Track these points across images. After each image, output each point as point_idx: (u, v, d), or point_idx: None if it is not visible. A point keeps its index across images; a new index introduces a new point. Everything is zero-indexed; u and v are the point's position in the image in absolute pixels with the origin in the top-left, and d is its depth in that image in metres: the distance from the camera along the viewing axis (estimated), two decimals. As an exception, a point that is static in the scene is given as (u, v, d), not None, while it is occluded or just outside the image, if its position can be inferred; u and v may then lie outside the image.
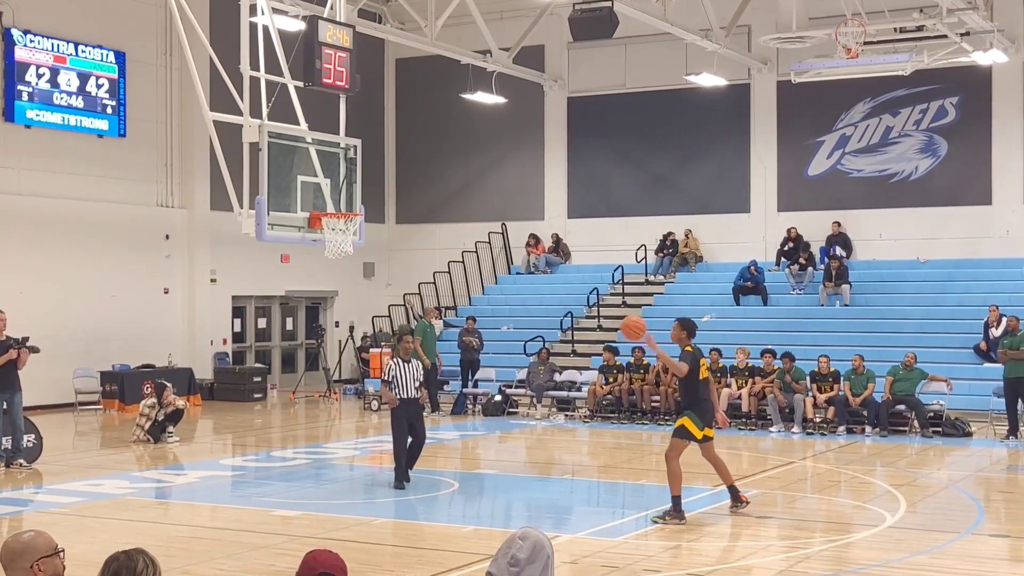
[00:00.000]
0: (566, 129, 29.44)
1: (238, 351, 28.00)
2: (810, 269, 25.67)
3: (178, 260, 26.23)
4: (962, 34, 21.80)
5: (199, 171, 26.00)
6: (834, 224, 26.25)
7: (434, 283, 28.85)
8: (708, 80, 25.26)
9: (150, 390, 20.03)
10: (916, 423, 19.16)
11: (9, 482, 14.85)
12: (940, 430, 18.88)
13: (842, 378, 19.69)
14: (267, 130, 14.04)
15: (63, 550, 4.28)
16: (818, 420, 19.60)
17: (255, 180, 14.06)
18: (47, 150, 23.59)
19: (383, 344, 24.83)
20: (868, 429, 19.16)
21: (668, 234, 27.87)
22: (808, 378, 19.89)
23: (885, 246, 26.15)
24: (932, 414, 19.16)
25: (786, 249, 26.35)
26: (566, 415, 21.99)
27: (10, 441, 15.66)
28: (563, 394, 22.39)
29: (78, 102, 24.00)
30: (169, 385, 19.14)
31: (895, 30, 21.98)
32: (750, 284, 25.68)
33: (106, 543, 9.94)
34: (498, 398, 22.64)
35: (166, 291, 26.04)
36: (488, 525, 12.59)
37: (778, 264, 26.35)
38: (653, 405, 21.01)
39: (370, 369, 24.13)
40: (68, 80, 23.81)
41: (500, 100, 27.66)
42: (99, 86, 24.39)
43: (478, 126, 29.98)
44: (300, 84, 14.74)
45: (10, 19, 22.89)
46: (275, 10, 15.54)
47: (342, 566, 4.19)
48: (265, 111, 14.43)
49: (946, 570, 9.83)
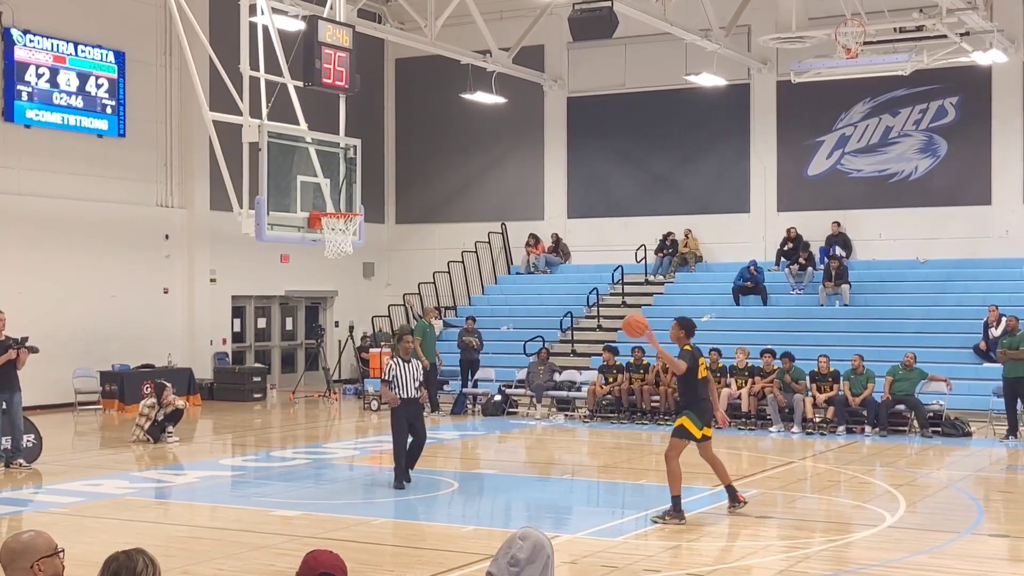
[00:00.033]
0: (566, 129, 29.43)
1: (238, 351, 28.00)
2: (810, 269, 25.67)
3: (178, 260, 26.23)
4: (962, 34, 21.80)
5: (199, 171, 25.99)
6: (834, 224, 26.25)
7: (434, 283, 28.84)
8: (708, 80, 25.25)
9: (150, 390, 20.03)
10: (916, 423, 19.16)
11: (9, 482, 14.84)
12: (940, 430, 18.88)
13: (842, 378, 19.69)
14: (267, 130, 14.04)
15: (63, 550, 4.28)
16: (818, 420, 19.60)
17: (255, 180, 14.06)
18: (47, 150, 23.59)
19: (383, 344, 24.83)
20: (868, 429, 19.16)
21: (668, 234, 27.86)
22: (808, 378, 19.89)
23: (885, 246, 26.16)
24: (932, 414, 19.16)
25: (786, 249, 26.35)
26: (566, 415, 21.99)
27: (10, 441, 15.66)
28: (563, 394, 22.39)
29: (78, 102, 24.00)
30: (169, 385, 19.14)
31: (895, 30, 21.99)
32: (750, 284, 25.68)
33: (106, 543, 9.94)
34: (498, 398, 22.64)
35: (166, 291, 26.04)
36: (488, 525, 12.59)
37: (778, 264, 26.35)
38: (653, 405, 21.01)
39: (370, 369, 24.12)
40: (68, 80, 23.81)
41: (500, 100, 27.66)
42: (99, 86, 24.39)
43: (478, 126, 29.97)
44: (300, 84, 14.74)
45: (10, 19, 22.88)
46: (275, 10, 15.54)
47: (342, 566, 4.19)
48: (265, 111, 14.44)
49: (946, 570, 9.83)
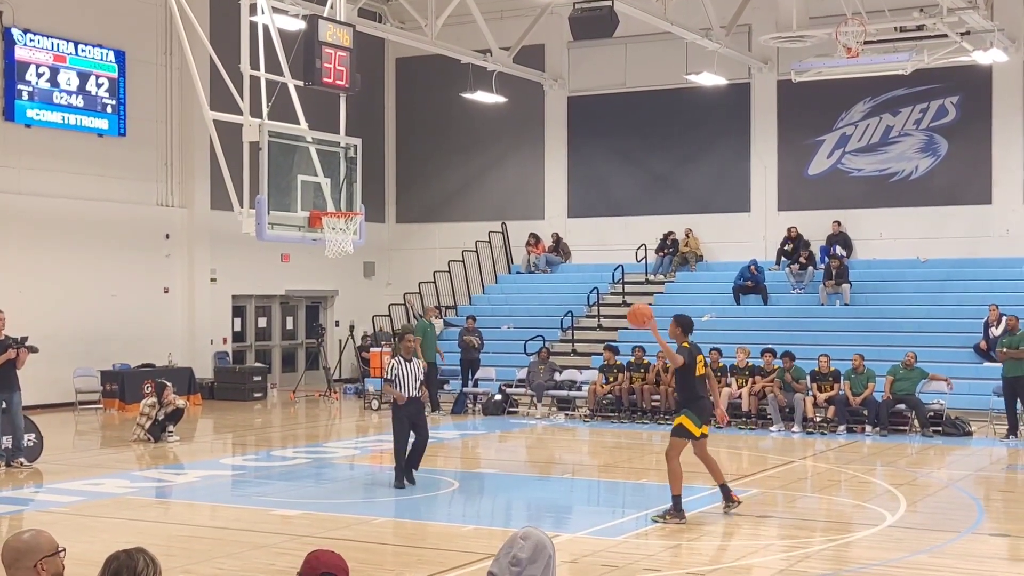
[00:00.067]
0: (566, 128, 29.43)
1: (238, 350, 28.00)
2: (810, 268, 25.67)
3: (178, 259, 26.23)
4: (962, 33, 21.80)
5: (199, 170, 25.99)
6: (834, 223, 26.24)
7: (434, 282, 28.84)
8: (708, 79, 25.24)
9: (150, 389, 20.03)
10: (916, 422, 19.15)
11: (10, 481, 14.85)
12: (940, 429, 18.88)
13: (842, 377, 19.68)
14: (267, 129, 14.03)
15: (64, 549, 4.28)
16: (818, 419, 19.59)
17: (255, 179, 14.06)
18: (47, 149, 23.59)
19: (383, 343, 24.83)
20: (868, 428, 19.16)
21: (668, 233, 27.86)
22: (808, 377, 19.89)
23: (885, 245, 26.15)
24: (932, 413, 19.16)
25: (786, 248, 26.34)
26: (566, 414, 21.99)
27: (10, 440, 15.68)
28: (563, 393, 22.39)
29: (78, 101, 24.00)
30: (169, 384, 19.14)
31: (895, 29, 21.99)
32: (750, 283, 25.68)
33: (106, 542, 9.94)
34: (498, 397, 22.64)
35: (166, 290, 26.04)
36: (488, 524, 12.59)
37: (778, 263, 26.34)
38: (653, 404, 21.01)
39: (370, 368, 24.12)
40: (68, 79, 23.80)
41: (500, 99, 27.65)
42: (99, 85, 24.39)
43: (478, 125, 29.97)
44: (300, 83, 14.73)
45: (10, 18, 22.88)
46: (275, 9, 15.54)
47: (344, 566, 4.19)
48: (265, 110, 14.43)
49: (946, 569, 9.83)
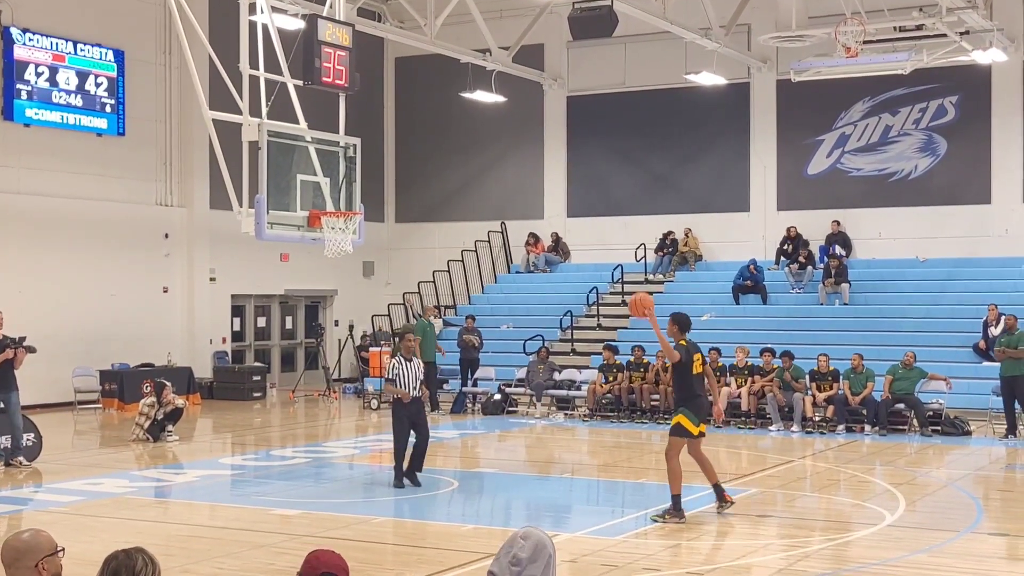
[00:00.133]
0: (565, 128, 29.42)
1: (237, 350, 27.99)
2: (809, 268, 25.67)
3: (177, 259, 26.22)
4: (961, 33, 21.80)
5: (198, 170, 25.99)
6: (833, 223, 26.24)
7: (433, 282, 28.83)
8: (708, 79, 25.24)
9: (149, 389, 20.03)
10: (915, 422, 19.16)
11: (9, 481, 14.85)
12: (939, 429, 18.88)
13: (841, 377, 19.68)
14: (266, 129, 14.04)
15: (63, 549, 4.28)
16: (817, 419, 19.60)
17: (254, 179, 14.06)
18: (46, 149, 23.58)
19: (383, 343, 24.83)
20: (867, 428, 19.16)
21: (668, 233, 27.86)
22: (807, 377, 19.89)
23: (884, 245, 26.15)
24: (931, 413, 19.16)
25: (785, 248, 26.34)
26: (565, 414, 21.99)
27: (9, 440, 15.67)
28: (562, 393, 22.39)
29: (77, 101, 23.99)
30: (168, 384, 19.14)
31: (894, 29, 21.99)
32: (750, 283, 25.68)
33: (106, 542, 9.93)
34: (497, 397, 22.64)
35: (165, 290, 26.03)
36: (488, 524, 12.59)
37: (777, 263, 26.34)
38: (652, 404, 21.00)
39: (370, 368, 24.11)
40: (67, 79, 23.79)
41: (500, 99, 27.65)
42: (98, 85, 24.38)
43: (478, 125, 29.96)
44: (299, 83, 14.74)
45: (9, 17, 22.87)
46: (274, 9, 15.55)
47: (344, 566, 4.19)
48: (264, 110, 14.43)
49: (945, 568, 9.83)
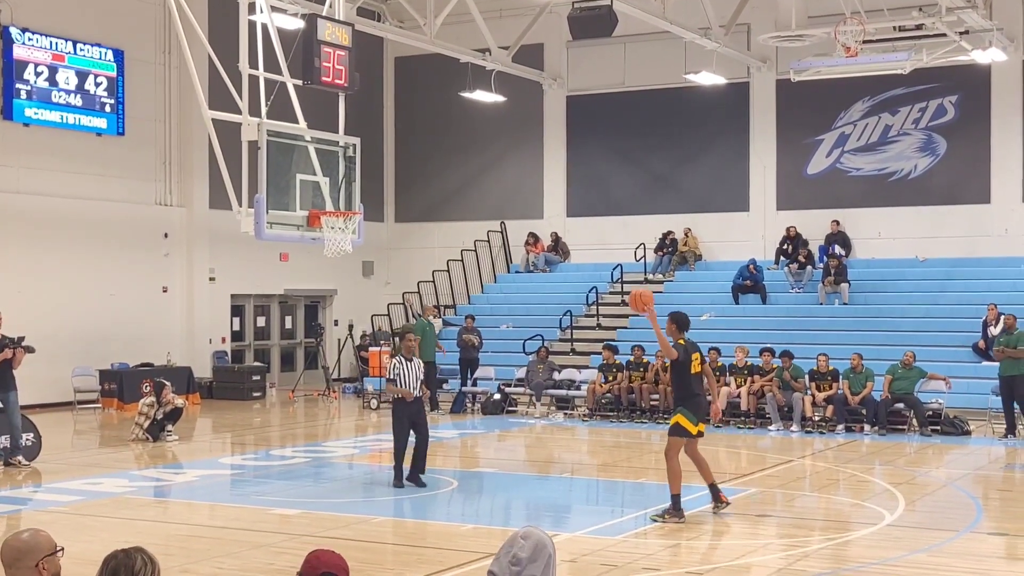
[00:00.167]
0: (565, 128, 29.42)
1: (237, 350, 27.99)
2: (809, 268, 25.67)
3: (177, 259, 26.22)
4: (961, 33, 21.80)
5: (198, 169, 25.98)
6: (833, 223, 26.24)
7: (433, 282, 28.84)
8: (707, 79, 25.24)
9: (149, 389, 20.02)
10: (915, 421, 19.16)
11: (8, 481, 14.84)
12: (939, 428, 18.88)
13: (841, 376, 19.68)
14: (266, 128, 14.04)
15: (62, 549, 4.28)
16: (817, 419, 19.60)
17: (254, 178, 14.05)
18: (46, 148, 23.57)
19: (382, 343, 24.82)
20: (867, 427, 19.16)
21: (667, 233, 27.86)
22: (807, 376, 19.89)
23: (884, 245, 26.15)
24: (931, 412, 19.16)
25: (785, 248, 26.34)
26: (565, 413, 21.98)
27: (8, 439, 15.67)
28: (562, 393, 22.39)
29: (77, 100, 23.99)
30: (168, 384, 19.13)
31: (894, 29, 21.99)
32: (749, 283, 25.68)
33: (105, 542, 9.93)
34: (497, 397, 22.63)
35: (165, 290, 26.02)
36: (487, 524, 12.59)
37: (777, 263, 26.34)
38: (652, 404, 21.00)
39: (369, 368, 24.10)
40: (67, 78, 23.79)
41: (499, 99, 27.65)
42: (98, 84, 24.37)
43: (477, 125, 29.96)
44: (299, 82, 14.74)
45: (8, 17, 22.87)
46: (274, 8, 15.56)
47: (344, 566, 4.19)
48: (264, 109, 14.43)
49: (944, 568, 9.83)
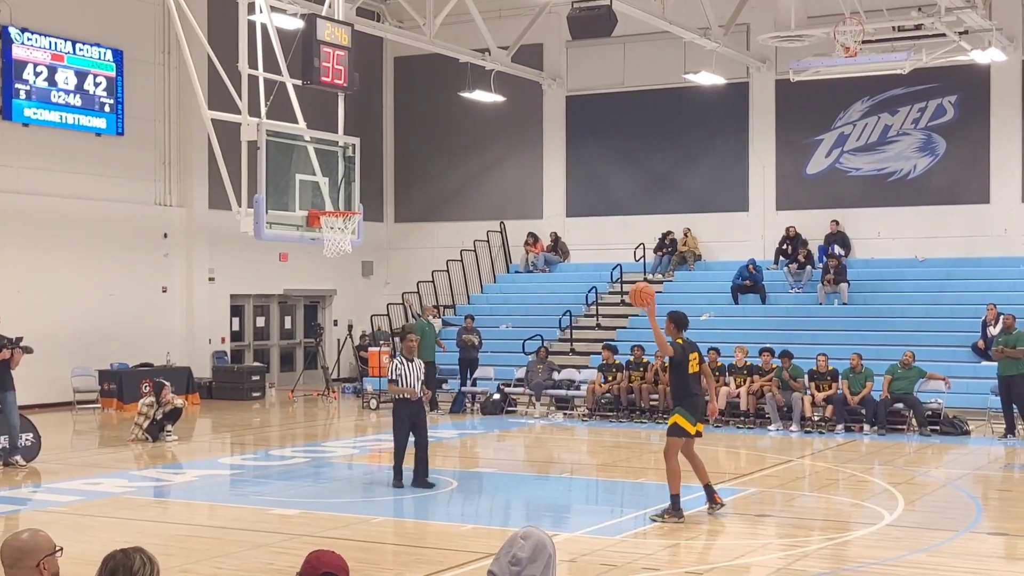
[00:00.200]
0: (565, 128, 29.42)
1: (236, 350, 27.98)
2: (808, 268, 25.68)
3: (176, 259, 26.21)
4: (960, 33, 21.80)
5: (197, 170, 25.97)
6: (832, 223, 26.24)
7: (433, 282, 28.84)
8: (707, 79, 25.24)
9: (148, 389, 20.01)
10: (914, 421, 19.16)
11: (7, 481, 14.84)
12: (938, 428, 18.89)
13: (840, 376, 19.69)
14: (265, 128, 14.04)
15: (61, 549, 4.28)
16: (816, 418, 19.60)
17: (253, 179, 14.05)
18: (45, 148, 23.57)
19: (382, 343, 24.82)
20: (866, 427, 19.16)
21: (667, 233, 27.86)
22: (806, 376, 19.90)
23: (883, 245, 26.15)
24: (930, 412, 19.17)
25: (784, 248, 26.34)
26: (565, 413, 21.98)
27: (6, 440, 15.67)
28: (562, 393, 22.39)
29: (76, 100, 23.98)
30: (167, 384, 19.13)
31: (893, 29, 21.98)
32: (749, 283, 25.68)
33: (104, 542, 9.91)
34: (497, 397, 22.63)
35: (164, 290, 26.02)
36: (487, 524, 12.60)
37: (776, 263, 26.35)
38: (652, 403, 21.00)
39: (369, 368, 24.10)
40: (66, 78, 23.78)
41: (499, 99, 27.65)
42: (97, 84, 24.37)
43: (477, 125, 29.96)
44: (298, 82, 14.74)
45: (7, 17, 22.86)
46: (273, 8, 15.55)
47: (344, 566, 4.19)
48: (263, 109, 14.43)
49: (944, 568, 9.83)
